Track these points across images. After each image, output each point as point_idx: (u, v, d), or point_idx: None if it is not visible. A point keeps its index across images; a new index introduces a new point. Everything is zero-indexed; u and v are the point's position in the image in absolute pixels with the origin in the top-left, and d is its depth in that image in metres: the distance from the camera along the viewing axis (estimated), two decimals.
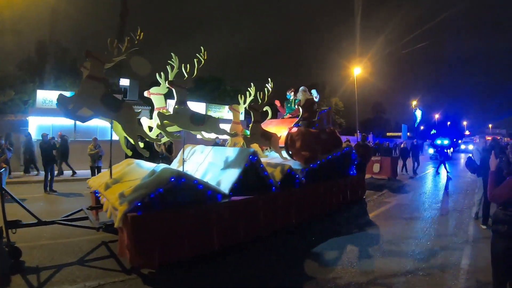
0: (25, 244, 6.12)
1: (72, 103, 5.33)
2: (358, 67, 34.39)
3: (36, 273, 5.18)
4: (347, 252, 6.33)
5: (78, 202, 7.47)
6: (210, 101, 33.63)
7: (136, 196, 5.05)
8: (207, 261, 5.63)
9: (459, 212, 9.99)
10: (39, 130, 17.82)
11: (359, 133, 27.81)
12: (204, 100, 32.93)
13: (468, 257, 6.19)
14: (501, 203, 3.80)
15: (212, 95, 37.32)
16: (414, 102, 65.94)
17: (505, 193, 3.71)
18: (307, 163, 8.59)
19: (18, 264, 5.42)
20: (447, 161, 26.67)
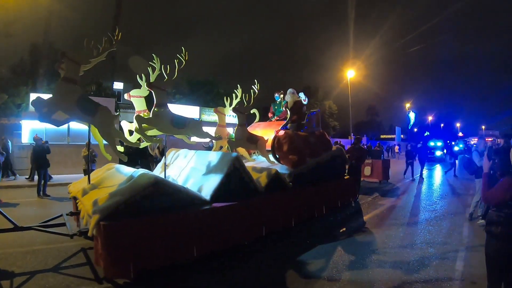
0: (2, 250, 6.22)
1: (47, 106, 5.13)
2: (352, 70, 34.32)
3: (10, 279, 5.14)
4: (333, 260, 6.08)
5: (71, 207, 7.36)
6: (204, 105, 33.60)
7: (110, 203, 4.85)
8: (186, 270, 5.43)
9: (454, 214, 9.83)
10: (32, 134, 17.46)
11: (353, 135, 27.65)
12: (198, 103, 32.84)
13: (462, 259, 6.12)
14: (494, 205, 3.84)
15: (205, 99, 37.20)
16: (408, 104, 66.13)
17: (498, 195, 3.73)
18: (295, 167, 8.38)
19: None
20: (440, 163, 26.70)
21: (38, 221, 6.26)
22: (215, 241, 5.86)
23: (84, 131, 6.13)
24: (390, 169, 18.11)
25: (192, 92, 40.19)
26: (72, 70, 5.41)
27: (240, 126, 7.90)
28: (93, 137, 6.00)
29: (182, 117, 7.03)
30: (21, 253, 6.27)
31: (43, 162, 12.50)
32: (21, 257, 6.05)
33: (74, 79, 5.41)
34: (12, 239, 6.51)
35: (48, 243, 6.62)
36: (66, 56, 5.35)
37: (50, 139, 16.26)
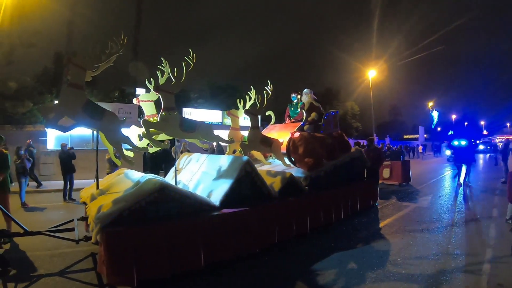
0: (20, 254, 6.43)
1: (53, 112, 5.10)
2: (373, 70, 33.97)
3: (16, 282, 5.20)
4: (347, 270, 5.75)
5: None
6: (227, 109, 33.26)
7: (113, 210, 4.73)
8: (193, 278, 5.27)
9: (479, 218, 9.34)
10: (58, 140, 18.20)
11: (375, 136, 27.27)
12: (220, 107, 32.85)
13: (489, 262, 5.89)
14: None
15: (227, 103, 37.20)
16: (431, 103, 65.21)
17: None
18: (311, 170, 8.15)
19: (3, 274, 5.46)
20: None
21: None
22: (224, 249, 5.66)
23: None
24: (411, 171, 17.42)
25: (214, 97, 40.30)
26: (77, 76, 5.33)
27: (253, 129, 7.73)
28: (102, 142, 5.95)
29: (191, 120, 6.90)
30: (47, 256, 6.39)
31: (68, 167, 12.76)
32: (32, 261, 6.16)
33: (79, 85, 5.34)
34: (38, 242, 6.69)
35: (68, 247, 6.64)
36: (71, 62, 5.30)
37: (75, 145, 16.62)
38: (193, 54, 6.46)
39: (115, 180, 6.81)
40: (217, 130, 7.93)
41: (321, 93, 47.84)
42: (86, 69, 5.50)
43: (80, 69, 5.38)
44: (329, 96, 51.53)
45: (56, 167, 16.81)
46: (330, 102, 48.18)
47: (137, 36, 39.78)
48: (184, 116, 6.68)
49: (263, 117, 9.35)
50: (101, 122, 5.54)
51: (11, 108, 24.28)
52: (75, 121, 5.30)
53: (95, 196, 6.10)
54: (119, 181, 6.62)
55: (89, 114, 5.37)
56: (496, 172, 19.49)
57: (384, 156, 15.47)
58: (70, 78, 5.26)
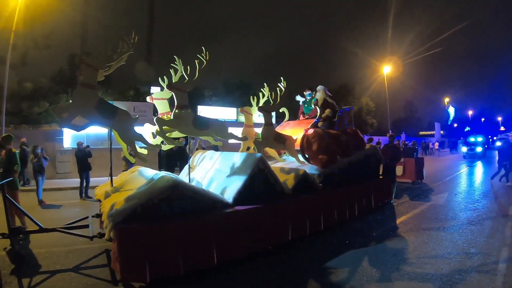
0: (37, 250, 6.51)
1: (66, 112, 5.15)
2: (388, 66, 33.72)
3: (31, 277, 5.31)
4: (360, 269, 5.64)
5: None
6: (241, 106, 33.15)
7: (126, 207, 4.77)
8: (205, 277, 5.25)
9: (496, 216, 9.17)
10: (74, 139, 18.41)
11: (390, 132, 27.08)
12: (235, 105, 32.89)
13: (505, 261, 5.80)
14: None
15: (242, 100, 37.19)
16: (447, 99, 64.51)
17: None
18: (325, 167, 8.10)
19: (19, 270, 5.56)
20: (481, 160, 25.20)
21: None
22: (237, 246, 5.65)
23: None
24: (425, 168, 17.12)
25: (229, 94, 40.40)
26: (89, 76, 5.39)
27: (266, 126, 7.70)
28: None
29: (204, 118, 6.90)
30: (63, 252, 6.48)
31: (85, 165, 12.95)
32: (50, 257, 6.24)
33: (92, 84, 5.41)
34: (56, 239, 6.76)
35: (84, 243, 6.59)
36: (83, 62, 5.39)
37: (92, 143, 17.01)
38: (206, 52, 6.46)
39: (129, 177, 6.84)
40: (231, 127, 7.94)
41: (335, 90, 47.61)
42: (98, 69, 5.54)
43: (92, 69, 5.44)
44: (344, 92, 51.18)
45: (72, 165, 17.12)
46: (345, 98, 47.87)
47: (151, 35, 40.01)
48: (197, 114, 6.65)
49: (277, 114, 9.32)
50: (113, 121, 5.58)
51: (27, 108, 24.67)
52: (88, 120, 5.35)
53: (109, 193, 6.16)
54: (132, 179, 6.66)
55: (102, 113, 5.42)
56: None
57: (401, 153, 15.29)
58: (82, 78, 5.34)
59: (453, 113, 69.69)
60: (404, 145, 21.34)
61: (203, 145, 13.60)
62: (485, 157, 33.39)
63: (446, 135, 71.83)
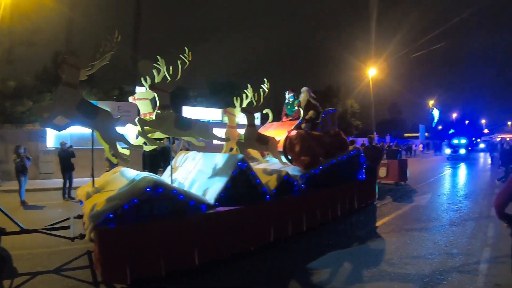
0: (18, 251, 6.27)
1: (47, 111, 5.12)
2: (373, 68, 34.01)
3: (12, 279, 5.27)
4: (342, 270, 5.70)
5: None
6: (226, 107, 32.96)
7: (107, 207, 4.76)
8: (189, 278, 5.25)
9: (478, 217, 9.30)
10: (57, 139, 18.10)
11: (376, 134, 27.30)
12: (220, 106, 32.86)
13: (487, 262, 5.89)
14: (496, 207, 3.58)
15: (227, 101, 37.15)
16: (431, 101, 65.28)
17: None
18: (308, 168, 8.14)
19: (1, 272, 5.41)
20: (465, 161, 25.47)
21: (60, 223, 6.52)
22: (219, 247, 5.68)
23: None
24: (409, 170, 17.23)
25: (214, 95, 40.27)
26: (72, 75, 5.35)
27: (249, 127, 7.70)
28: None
29: (187, 118, 6.90)
30: (45, 253, 6.47)
31: (68, 166, 12.84)
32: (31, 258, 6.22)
33: (74, 84, 5.36)
34: (38, 240, 6.73)
35: (66, 244, 6.53)
36: (65, 61, 5.33)
37: (75, 143, 16.77)
38: (188, 52, 6.46)
39: (111, 178, 6.82)
40: (216, 128, 7.96)
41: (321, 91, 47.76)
42: (80, 68, 5.50)
43: (74, 69, 5.39)
44: (329, 94, 51.30)
45: (55, 166, 16.85)
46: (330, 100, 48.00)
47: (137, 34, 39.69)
48: (180, 114, 6.64)
49: (262, 115, 9.35)
50: (95, 121, 5.54)
51: (10, 107, 24.29)
52: (70, 120, 5.31)
53: (91, 194, 6.13)
54: (114, 179, 6.63)
55: (83, 113, 5.38)
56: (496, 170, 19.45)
57: (383, 155, 15.40)
58: (64, 77, 5.29)
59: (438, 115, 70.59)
60: (388, 147, 21.47)
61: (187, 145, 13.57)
62: (468, 159, 33.81)
63: (430, 137, 72.53)
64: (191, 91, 38.82)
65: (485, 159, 26.43)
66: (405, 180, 16.51)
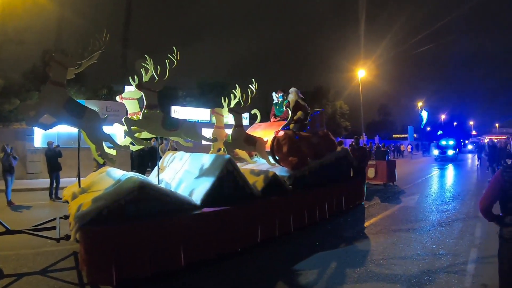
0: (4, 252, 6.36)
1: (34, 110, 5.05)
2: (363, 70, 34.17)
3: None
4: (329, 271, 5.70)
5: None
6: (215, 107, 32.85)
7: (93, 208, 4.71)
8: (175, 278, 5.25)
9: (465, 218, 9.34)
10: (45, 138, 17.93)
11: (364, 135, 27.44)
12: (209, 106, 32.82)
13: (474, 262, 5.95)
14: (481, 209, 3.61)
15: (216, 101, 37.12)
16: (420, 103, 65.80)
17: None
18: (295, 169, 8.15)
19: None
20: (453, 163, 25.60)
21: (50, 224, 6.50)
22: (205, 248, 5.64)
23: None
24: (397, 171, 17.32)
25: (203, 95, 40.18)
26: (59, 73, 5.29)
27: (236, 127, 7.69)
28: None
29: (174, 118, 6.89)
30: (31, 254, 6.38)
31: (55, 165, 12.73)
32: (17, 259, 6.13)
33: (61, 82, 5.30)
34: (24, 240, 6.63)
35: (52, 245, 6.54)
36: (53, 59, 5.27)
37: (63, 143, 16.86)
38: (177, 52, 6.44)
39: (97, 178, 6.78)
40: (205, 128, 7.94)
41: (311, 92, 47.94)
42: (68, 67, 5.45)
43: (62, 67, 5.34)
44: (318, 95, 51.48)
45: (43, 165, 16.66)
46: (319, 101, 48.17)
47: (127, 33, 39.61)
48: (167, 114, 6.61)
49: (251, 115, 9.33)
50: (82, 120, 5.49)
51: None
52: (56, 119, 5.25)
53: (77, 194, 6.09)
54: (100, 180, 6.58)
55: (70, 112, 5.33)
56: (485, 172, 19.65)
57: (370, 155, 15.48)
58: (51, 75, 5.23)
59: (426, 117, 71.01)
60: (376, 148, 21.62)
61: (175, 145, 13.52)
62: (456, 160, 34.04)
63: (419, 138, 73.06)
64: (180, 91, 38.76)
65: (473, 160, 26.74)
66: (393, 181, 16.62)
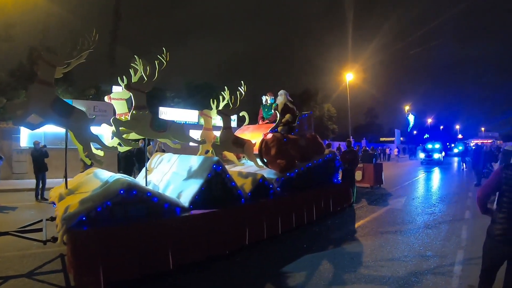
0: (1, 254, 6.33)
1: (21, 109, 5.01)
2: (351, 73, 34.37)
3: None
4: (318, 273, 5.68)
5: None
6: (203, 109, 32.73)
7: (80, 210, 4.66)
8: (163, 281, 5.21)
9: (452, 220, 9.46)
10: (31, 137, 17.72)
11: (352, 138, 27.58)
12: (197, 107, 32.76)
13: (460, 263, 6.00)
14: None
15: (204, 102, 37.05)
16: (407, 107, 66.47)
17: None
18: (283, 172, 8.16)
19: None
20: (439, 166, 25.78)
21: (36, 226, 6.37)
22: (193, 251, 5.63)
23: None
24: (384, 174, 17.48)
25: (191, 96, 40.18)
26: (47, 72, 5.26)
27: (225, 129, 7.68)
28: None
29: (163, 120, 6.86)
30: (17, 256, 6.28)
31: (41, 166, 12.52)
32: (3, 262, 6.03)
33: (49, 82, 5.27)
34: (10, 242, 6.54)
35: (38, 247, 6.45)
36: (41, 58, 5.24)
37: (49, 143, 16.55)
38: (166, 53, 6.42)
39: (84, 179, 6.71)
40: (193, 130, 7.91)
41: (298, 95, 48.15)
42: (56, 66, 5.41)
43: (50, 66, 5.30)
44: (306, 97, 51.74)
45: (29, 165, 16.52)
46: (307, 103, 48.40)
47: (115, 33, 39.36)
48: (155, 116, 6.58)
49: (239, 117, 9.33)
50: (69, 120, 5.46)
51: None
52: (44, 119, 5.22)
53: (64, 196, 5.99)
54: (88, 181, 6.52)
55: (58, 111, 5.30)
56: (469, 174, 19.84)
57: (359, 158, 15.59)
58: (39, 74, 5.19)
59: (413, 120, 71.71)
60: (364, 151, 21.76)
61: (162, 147, 13.47)
62: (442, 163, 34.32)
63: (406, 141, 73.67)
64: (168, 92, 38.68)
65: (459, 164, 26.98)
66: (380, 183, 16.77)
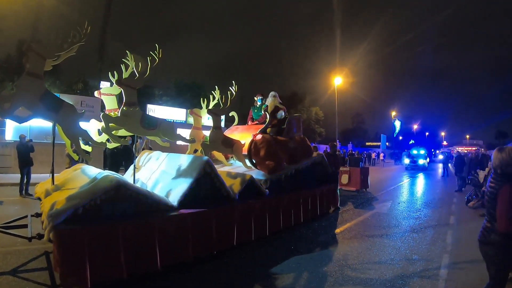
0: None
1: (8, 101, 4.88)
2: (339, 77, 34.56)
3: None
4: (303, 276, 5.68)
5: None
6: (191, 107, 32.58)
7: (67, 206, 4.55)
8: (150, 281, 5.14)
9: (436, 225, 9.58)
10: (16, 131, 17.61)
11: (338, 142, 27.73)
12: (185, 106, 32.69)
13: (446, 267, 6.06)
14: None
15: (192, 101, 36.97)
16: (393, 112, 67.13)
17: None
18: (272, 173, 8.14)
19: None
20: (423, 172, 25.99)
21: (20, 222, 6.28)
22: (181, 251, 5.57)
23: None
24: (370, 178, 17.57)
25: (180, 95, 40.11)
26: (37, 65, 5.14)
27: (215, 129, 7.62)
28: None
29: (153, 117, 6.75)
30: (1, 253, 6.12)
31: (26, 160, 12.40)
32: None
33: (38, 74, 5.16)
34: None
35: (23, 244, 6.27)
36: (31, 50, 5.10)
37: (35, 137, 16.40)
38: (159, 50, 6.36)
39: (72, 175, 6.59)
40: (180, 129, 7.85)
41: (286, 97, 48.34)
42: (46, 58, 5.31)
43: (40, 58, 5.19)
44: (294, 100, 51.97)
45: (13, 160, 16.14)
46: (295, 106, 48.58)
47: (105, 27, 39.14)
48: (146, 113, 6.50)
49: (227, 118, 9.31)
50: (58, 114, 5.35)
51: None
52: (32, 112, 5.11)
53: (50, 191, 5.88)
54: (75, 177, 6.41)
55: (47, 105, 5.19)
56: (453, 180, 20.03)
57: (343, 161, 15.69)
58: (29, 66, 5.07)
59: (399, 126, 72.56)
60: (350, 155, 21.90)
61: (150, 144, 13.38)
62: (427, 169, 34.64)
63: (391, 146, 74.44)
64: (157, 89, 38.54)
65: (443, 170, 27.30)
66: (366, 187, 16.88)
